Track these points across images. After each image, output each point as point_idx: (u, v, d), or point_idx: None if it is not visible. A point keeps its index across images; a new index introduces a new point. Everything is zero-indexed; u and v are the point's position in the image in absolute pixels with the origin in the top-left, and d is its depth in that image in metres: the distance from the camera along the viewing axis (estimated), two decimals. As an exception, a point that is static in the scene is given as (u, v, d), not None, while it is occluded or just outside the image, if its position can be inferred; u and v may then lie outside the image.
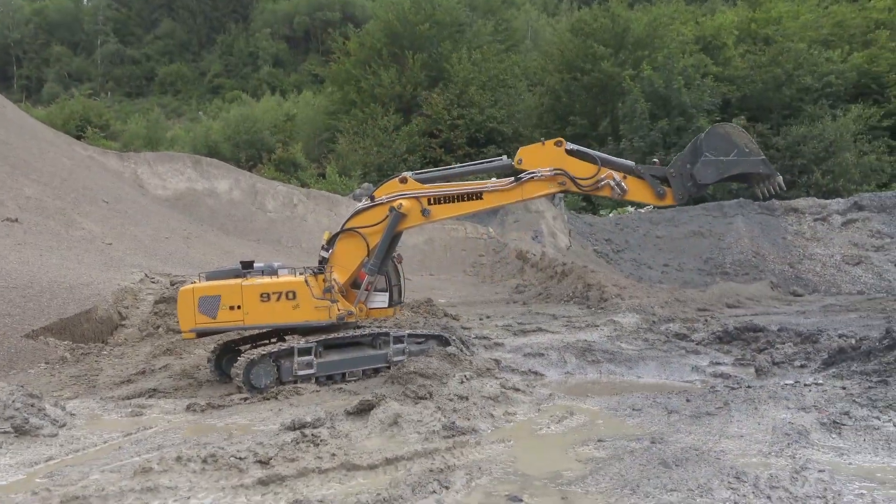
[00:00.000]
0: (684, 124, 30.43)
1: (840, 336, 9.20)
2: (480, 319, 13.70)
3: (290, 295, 7.86)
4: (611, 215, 28.99)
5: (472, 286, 20.89)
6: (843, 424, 5.58)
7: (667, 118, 30.38)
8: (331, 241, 8.26)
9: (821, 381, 6.85)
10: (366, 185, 30.20)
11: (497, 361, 9.61)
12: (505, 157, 8.05)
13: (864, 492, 4.31)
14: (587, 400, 6.97)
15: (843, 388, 6.37)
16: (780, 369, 8.43)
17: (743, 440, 5.34)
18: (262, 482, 4.47)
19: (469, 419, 6.08)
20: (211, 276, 8.18)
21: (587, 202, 32.84)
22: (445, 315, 13.20)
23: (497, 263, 22.49)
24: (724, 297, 16.84)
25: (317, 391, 7.60)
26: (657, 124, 30.17)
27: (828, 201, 25.03)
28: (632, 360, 9.91)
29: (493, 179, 7.82)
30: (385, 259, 8.39)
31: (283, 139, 40.89)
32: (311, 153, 41.58)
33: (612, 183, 7.17)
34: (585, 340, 11.04)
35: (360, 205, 8.35)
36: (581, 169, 7.38)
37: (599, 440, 5.45)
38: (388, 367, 8.37)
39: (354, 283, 8.58)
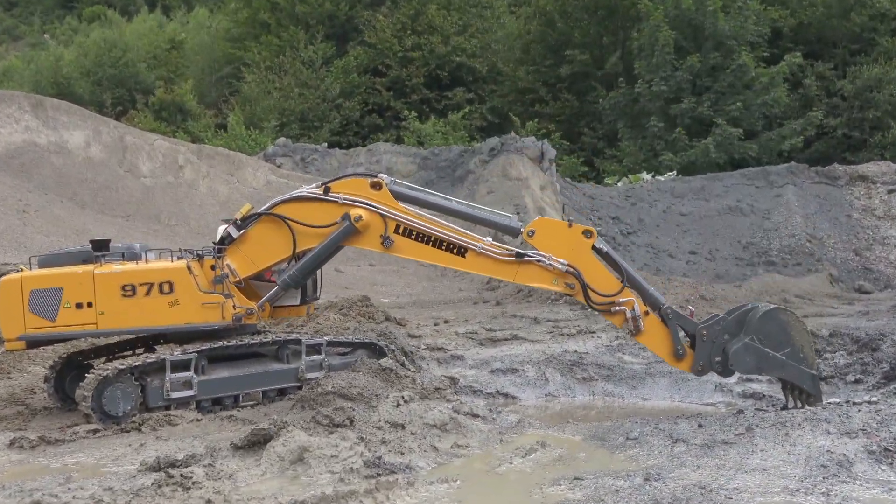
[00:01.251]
0: (721, 62, 31.05)
1: (907, 342, 9.62)
2: (436, 325, 13.86)
3: (166, 287, 7.89)
4: (619, 184, 29.51)
5: (428, 281, 21.05)
6: (897, 453, 5.83)
7: (698, 53, 30.93)
8: (247, 220, 8.23)
9: (876, 399, 7.16)
10: (282, 140, 30.05)
11: (453, 380, 9.77)
12: (516, 217, 8.53)
13: (915, 537, 4.55)
14: (567, 427, 7.16)
15: (902, 408, 6.68)
16: (829, 386, 8.78)
17: (766, 475, 5.56)
18: (107, 539, 4.50)
19: (403, 453, 6.20)
20: (48, 262, 8.09)
21: (589, 167, 33.33)
22: (387, 319, 13.30)
23: (463, 249, 22.59)
24: (767, 293, 17.38)
25: (198, 420, 7.63)
26: (685, 61, 30.70)
27: (907, 167, 25.92)
28: (637, 378, 10.20)
29: (489, 240, 8.14)
30: (310, 274, 8.47)
31: (165, 75, 40.20)
32: (207, 96, 41.03)
33: (630, 314, 7.69)
34: (576, 352, 11.30)
35: (304, 189, 8.47)
36: (601, 279, 7.84)
37: (576, 478, 5.62)
38: (300, 387, 8.43)
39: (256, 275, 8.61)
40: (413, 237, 8.06)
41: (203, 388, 7.99)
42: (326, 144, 31.12)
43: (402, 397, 7.42)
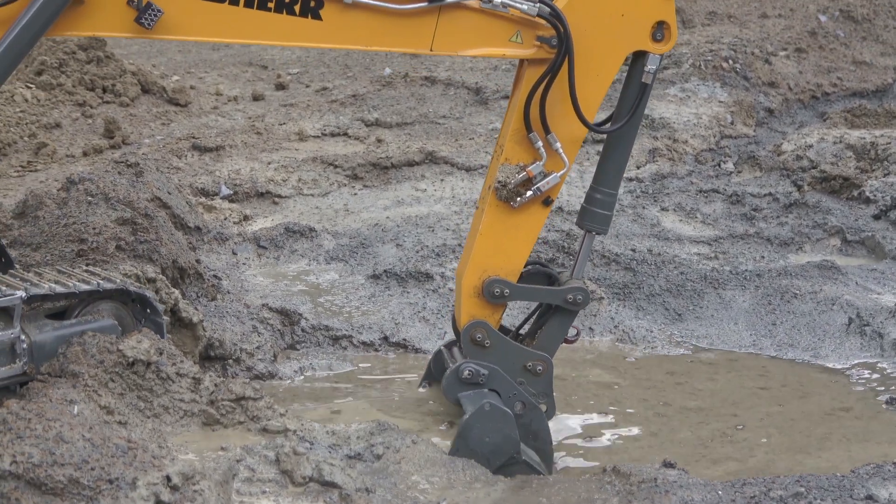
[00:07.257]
0: None
1: None
2: (256, 99, 9.72)
3: None
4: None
5: None
6: None
7: None
8: None
9: None
10: None
11: (290, 318, 5.95)
12: None
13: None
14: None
15: None
16: None
17: None
18: None
19: None
20: None
21: None
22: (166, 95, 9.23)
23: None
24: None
25: None
26: None
27: None
28: (690, 293, 6.20)
29: None
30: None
31: None
32: None
33: (538, 167, 4.53)
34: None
35: None
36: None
37: None
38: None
39: None
40: None
41: None
42: None
43: (166, 480, 3.55)
